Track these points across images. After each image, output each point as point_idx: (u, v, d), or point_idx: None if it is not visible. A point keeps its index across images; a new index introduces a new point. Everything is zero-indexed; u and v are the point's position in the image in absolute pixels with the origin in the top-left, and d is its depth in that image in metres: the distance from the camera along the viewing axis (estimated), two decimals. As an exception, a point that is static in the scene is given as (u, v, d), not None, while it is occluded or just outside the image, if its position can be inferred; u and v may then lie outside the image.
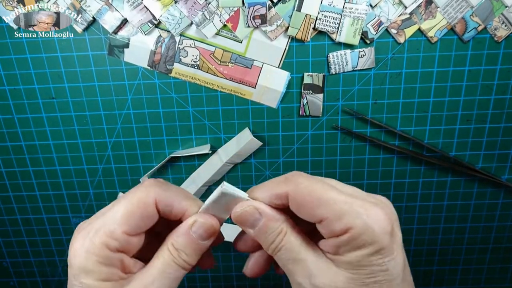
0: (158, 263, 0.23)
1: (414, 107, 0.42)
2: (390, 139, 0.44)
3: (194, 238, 0.23)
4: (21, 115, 0.43)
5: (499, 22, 0.39)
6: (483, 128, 0.43)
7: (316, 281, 0.21)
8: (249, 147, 0.43)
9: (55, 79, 0.42)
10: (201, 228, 0.24)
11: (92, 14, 0.39)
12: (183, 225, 0.24)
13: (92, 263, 0.22)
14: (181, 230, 0.24)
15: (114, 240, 0.22)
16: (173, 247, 0.23)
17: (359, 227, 0.20)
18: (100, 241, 0.22)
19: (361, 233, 0.20)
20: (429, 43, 0.40)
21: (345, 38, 0.39)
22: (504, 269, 0.51)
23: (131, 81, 0.42)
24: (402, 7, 0.38)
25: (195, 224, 0.23)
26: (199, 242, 0.24)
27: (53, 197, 0.47)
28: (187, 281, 0.52)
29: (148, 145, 0.45)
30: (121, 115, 0.43)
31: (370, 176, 0.46)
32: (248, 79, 0.41)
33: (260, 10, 0.38)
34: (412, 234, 0.49)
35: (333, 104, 0.42)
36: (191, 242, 0.24)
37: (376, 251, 0.20)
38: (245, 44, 0.40)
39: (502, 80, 0.41)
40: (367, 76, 0.41)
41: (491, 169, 0.45)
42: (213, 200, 0.23)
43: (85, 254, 0.22)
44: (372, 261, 0.21)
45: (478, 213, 0.47)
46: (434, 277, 0.51)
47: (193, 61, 0.41)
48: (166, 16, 0.38)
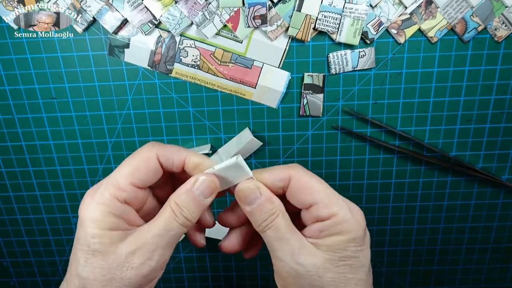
0: (161, 219, 0.25)
1: (414, 107, 0.42)
2: (390, 139, 0.44)
3: (196, 195, 0.25)
4: (22, 115, 0.43)
5: (499, 22, 0.39)
6: (483, 128, 0.43)
7: (298, 258, 0.24)
8: (249, 147, 0.43)
9: (55, 79, 0.42)
10: (203, 185, 0.25)
11: (92, 14, 0.39)
12: (186, 183, 0.25)
13: (101, 213, 0.24)
14: (184, 188, 0.25)
15: (122, 191, 0.24)
16: (175, 204, 0.25)
17: (342, 216, 0.24)
18: (110, 193, 0.24)
19: (343, 220, 0.24)
20: (429, 43, 0.40)
21: (345, 38, 0.39)
22: (504, 269, 0.51)
23: (131, 81, 0.42)
24: (402, 7, 0.38)
25: (198, 182, 0.25)
26: (201, 199, 0.25)
27: (53, 197, 0.47)
28: (187, 281, 0.52)
29: (148, 145, 0.45)
30: (122, 115, 0.43)
31: (370, 176, 0.46)
32: (248, 79, 0.41)
33: (260, 10, 0.38)
34: (412, 234, 0.49)
35: (333, 104, 0.43)
36: (193, 199, 0.25)
37: (351, 239, 0.24)
38: (245, 44, 0.40)
39: (502, 80, 0.41)
40: (367, 76, 0.41)
41: (491, 169, 0.45)
42: (224, 167, 0.25)
43: (96, 206, 0.24)
44: (347, 247, 0.24)
45: (478, 213, 0.47)
46: (434, 277, 0.52)
47: (193, 61, 0.41)
48: (166, 16, 0.38)
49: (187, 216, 0.25)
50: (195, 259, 0.51)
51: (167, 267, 0.51)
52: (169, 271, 0.52)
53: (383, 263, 0.51)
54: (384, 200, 0.47)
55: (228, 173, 0.26)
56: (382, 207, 0.47)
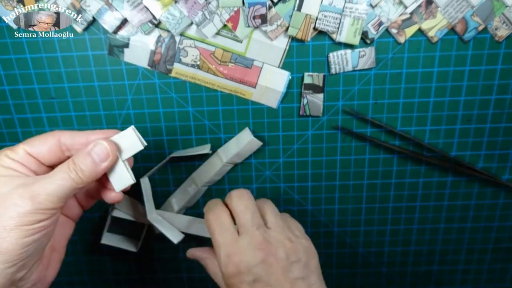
0: (57, 174, 0.28)
1: (414, 107, 0.42)
2: (390, 139, 0.44)
3: (92, 156, 0.28)
4: (21, 115, 0.43)
5: (499, 22, 0.39)
6: (483, 128, 0.43)
7: None
8: (250, 147, 0.43)
9: (55, 79, 0.42)
10: (99, 148, 0.28)
11: (92, 14, 0.39)
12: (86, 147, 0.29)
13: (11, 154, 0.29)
14: (83, 150, 0.29)
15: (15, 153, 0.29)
16: (72, 162, 0.28)
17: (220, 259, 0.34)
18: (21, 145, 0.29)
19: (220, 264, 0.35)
20: (429, 43, 0.40)
21: (345, 38, 0.39)
22: (505, 269, 0.51)
23: (131, 81, 0.42)
24: (402, 7, 0.38)
25: (95, 146, 0.29)
26: (97, 162, 0.28)
27: (53, 197, 0.47)
28: (187, 281, 0.52)
29: (148, 145, 0.44)
30: (121, 115, 0.43)
31: (370, 176, 0.46)
32: (248, 79, 0.41)
33: (260, 10, 0.38)
34: (412, 234, 0.49)
35: (333, 104, 0.42)
36: (90, 160, 0.28)
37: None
38: (245, 44, 0.40)
39: (502, 80, 0.41)
40: (368, 76, 0.41)
41: (491, 169, 0.45)
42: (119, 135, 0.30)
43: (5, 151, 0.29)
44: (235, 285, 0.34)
45: (478, 213, 0.47)
46: (434, 277, 0.51)
47: (193, 61, 0.41)
48: (166, 16, 0.38)
49: (80, 176, 0.28)
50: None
51: (166, 267, 0.51)
52: (169, 271, 0.52)
53: (383, 264, 0.51)
54: (384, 200, 0.47)
55: (124, 142, 0.30)
56: (382, 207, 0.47)
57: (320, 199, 0.47)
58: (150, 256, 0.51)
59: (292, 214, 0.41)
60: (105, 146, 0.29)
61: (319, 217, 0.48)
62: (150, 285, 0.52)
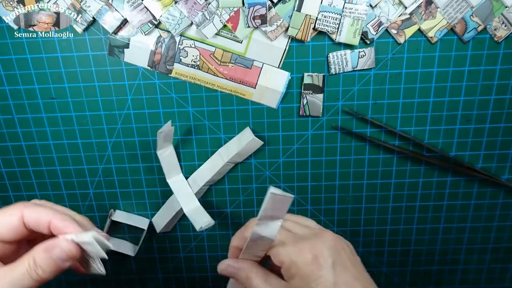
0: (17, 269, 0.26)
1: (414, 107, 0.42)
2: (390, 139, 0.44)
3: (53, 258, 0.26)
4: (21, 115, 0.43)
5: (499, 22, 0.39)
6: (483, 128, 0.43)
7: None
8: (250, 146, 0.43)
9: (55, 79, 0.42)
10: (59, 250, 0.26)
11: (92, 14, 0.39)
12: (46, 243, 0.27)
13: None
14: (44, 247, 0.26)
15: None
16: (33, 261, 0.26)
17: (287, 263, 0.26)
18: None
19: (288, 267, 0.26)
20: (429, 43, 0.40)
21: (345, 38, 0.39)
22: (504, 269, 0.51)
23: (131, 81, 0.42)
24: (402, 7, 0.38)
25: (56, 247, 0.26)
26: (58, 262, 0.26)
27: (53, 197, 0.47)
28: (187, 281, 0.52)
29: (148, 145, 0.45)
30: (121, 115, 0.43)
31: (370, 176, 0.46)
32: (248, 79, 0.41)
33: (260, 10, 0.38)
34: (412, 234, 0.49)
35: (333, 104, 0.43)
36: (50, 259, 0.26)
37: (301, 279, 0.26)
38: (245, 44, 0.40)
39: (502, 80, 0.41)
40: (367, 76, 0.41)
41: (491, 169, 0.45)
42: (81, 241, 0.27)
43: None
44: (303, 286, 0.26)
45: (478, 213, 0.47)
46: (434, 277, 0.52)
47: (193, 61, 0.41)
48: (166, 16, 0.38)
49: (40, 275, 0.26)
50: (195, 259, 0.51)
51: (166, 267, 0.51)
52: (169, 271, 0.52)
53: (383, 263, 0.51)
54: (384, 200, 0.47)
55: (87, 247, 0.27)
56: (382, 207, 0.47)
57: (320, 199, 0.47)
58: (150, 256, 0.51)
59: (292, 214, 0.41)
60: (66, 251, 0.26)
61: (319, 217, 0.48)
62: (150, 285, 0.52)
